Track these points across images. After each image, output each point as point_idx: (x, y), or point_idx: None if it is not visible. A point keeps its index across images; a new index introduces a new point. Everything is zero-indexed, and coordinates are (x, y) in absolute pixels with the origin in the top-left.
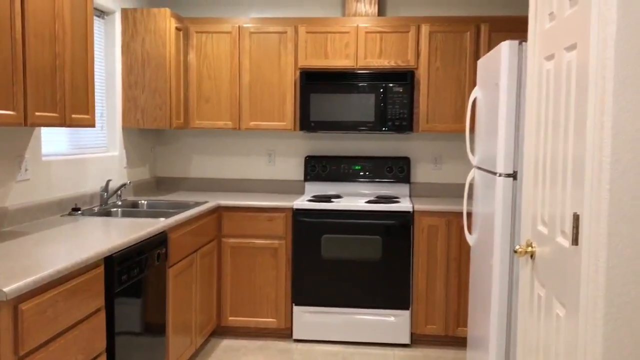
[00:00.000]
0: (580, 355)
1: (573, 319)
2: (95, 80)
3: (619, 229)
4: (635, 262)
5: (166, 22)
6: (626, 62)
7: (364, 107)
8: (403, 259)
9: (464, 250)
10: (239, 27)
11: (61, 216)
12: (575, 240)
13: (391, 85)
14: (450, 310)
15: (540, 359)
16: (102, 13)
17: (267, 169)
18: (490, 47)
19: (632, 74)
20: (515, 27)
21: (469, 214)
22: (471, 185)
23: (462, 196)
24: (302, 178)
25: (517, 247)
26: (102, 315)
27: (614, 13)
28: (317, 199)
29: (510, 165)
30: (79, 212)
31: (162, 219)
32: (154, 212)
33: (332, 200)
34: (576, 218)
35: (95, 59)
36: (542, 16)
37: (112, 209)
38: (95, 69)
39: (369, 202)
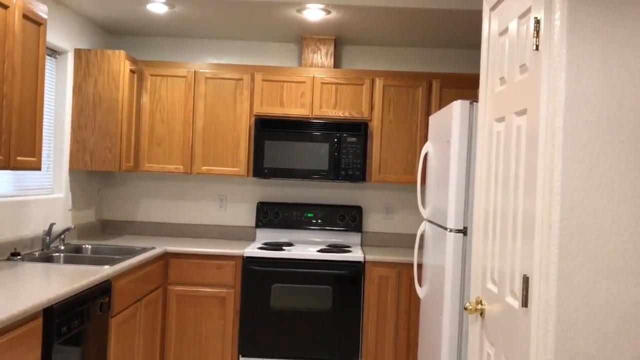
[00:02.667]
0: None
1: None
2: (44, 120)
3: (568, 294)
4: (583, 327)
5: (120, 64)
6: (574, 131)
7: (318, 155)
8: (353, 310)
9: (413, 301)
10: (194, 71)
11: None
12: (524, 303)
13: (345, 135)
14: None
15: None
16: (54, 52)
17: (217, 215)
18: (441, 102)
19: (579, 143)
20: (465, 84)
21: (420, 266)
22: (422, 237)
23: (412, 246)
24: (253, 224)
25: (467, 304)
26: None
27: (563, 84)
28: (269, 246)
29: (460, 221)
30: (19, 257)
31: (106, 267)
32: (98, 258)
33: (284, 248)
34: (525, 280)
35: (44, 98)
36: (493, 80)
37: (54, 254)
38: (44, 109)
39: (320, 250)
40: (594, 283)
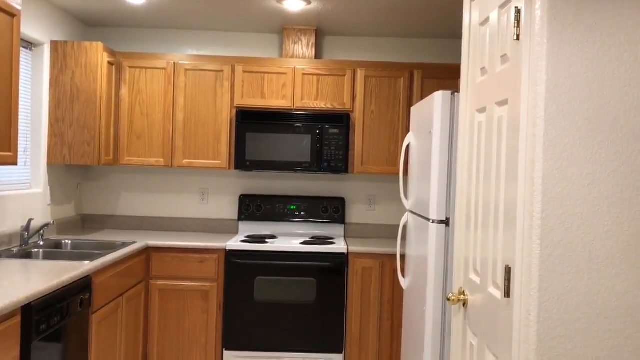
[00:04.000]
0: None
1: None
2: (20, 113)
3: (550, 284)
4: (564, 316)
5: (98, 56)
6: (555, 122)
7: (300, 147)
8: (337, 302)
9: (397, 292)
10: (174, 63)
11: None
12: (507, 293)
13: (327, 126)
14: (383, 353)
15: None
16: (29, 44)
17: (199, 208)
18: (423, 92)
19: (560, 133)
20: (447, 75)
21: (403, 257)
22: (405, 228)
23: (395, 237)
24: (236, 217)
25: (450, 294)
26: None
27: (544, 74)
28: (251, 239)
29: (442, 212)
30: None
31: (86, 262)
32: (78, 253)
33: (267, 240)
34: (508, 271)
35: (20, 91)
36: (474, 70)
37: (33, 250)
38: (20, 102)
39: (303, 242)
40: (575, 273)
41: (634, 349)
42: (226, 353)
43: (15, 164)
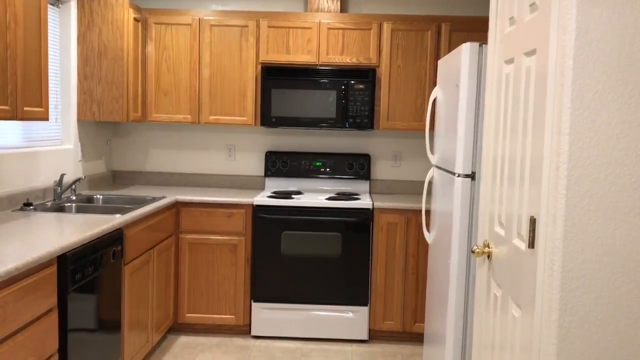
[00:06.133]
0: (534, 355)
1: (528, 321)
2: (50, 71)
3: (574, 234)
4: (589, 266)
5: (124, 12)
6: (584, 70)
7: (325, 103)
8: (362, 256)
9: (422, 247)
10: (199, 19)
11: (12, 211)
12: (531, 244)
13: (353, 82)
14: (408, 306)
15: (495, 356)
16: (57, 1)
17: (226, 164)
18: (450, 46)
19: (589, 82)
20: (475, 27)
21: (428, 212)
22: (430, 183)
23: (420, 193)
24: (262, 173)
25: (475, 247)
26: (55, 315)
27: (573, 21)
28: (278, 195)
29: (469, 166)
30: (31, 207)
31: (118, 215)
32: (109, 207)
33: (293, 196)
34: (533, 222)
35: (49, 49)
36: (503, 20)
37: (66, 204)
38: (49, 60)
39: (329, 198)
40: (601, 224)
41: None
42: (254, 304)
43: (46, 119)
